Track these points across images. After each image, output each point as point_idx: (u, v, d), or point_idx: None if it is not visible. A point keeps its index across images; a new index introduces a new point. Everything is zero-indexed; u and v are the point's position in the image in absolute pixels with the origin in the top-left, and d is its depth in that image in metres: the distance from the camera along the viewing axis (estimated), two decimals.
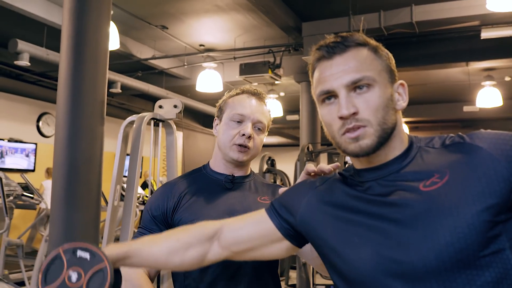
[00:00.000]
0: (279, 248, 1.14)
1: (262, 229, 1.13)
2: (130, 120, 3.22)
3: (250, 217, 1.18)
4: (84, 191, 3.20)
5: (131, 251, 1.09)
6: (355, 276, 0.95)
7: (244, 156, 1.51)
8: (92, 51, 3.32)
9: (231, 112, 1.54)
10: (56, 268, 1.01)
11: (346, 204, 1.02)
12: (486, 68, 8.36)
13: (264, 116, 1.55)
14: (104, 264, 1.00)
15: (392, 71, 1.02)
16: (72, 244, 1.03)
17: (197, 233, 1.16)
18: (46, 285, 1.00)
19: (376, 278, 0.92)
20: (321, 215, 1.05)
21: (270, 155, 6.53)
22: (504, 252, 0.87)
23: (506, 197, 0.88)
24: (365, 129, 0.95)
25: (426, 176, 0.94)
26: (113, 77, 7.42)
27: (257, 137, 1.54)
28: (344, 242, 0.98)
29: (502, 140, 0.92)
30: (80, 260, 1.01)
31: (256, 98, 1.56)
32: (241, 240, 1.14)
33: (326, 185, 1.10)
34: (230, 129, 1.52)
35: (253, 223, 1.16)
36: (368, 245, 0.94)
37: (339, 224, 1.00)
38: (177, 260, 1.13)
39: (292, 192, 1.15)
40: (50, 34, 6.28)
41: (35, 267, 5.02)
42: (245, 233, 1.14)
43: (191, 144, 12.56)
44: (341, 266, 0.98)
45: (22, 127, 8.80)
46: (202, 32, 7.01)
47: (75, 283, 0.99)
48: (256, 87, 1.61)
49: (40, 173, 8.62)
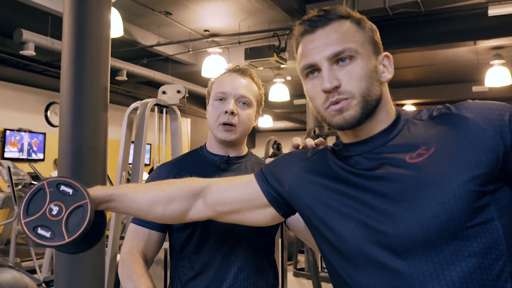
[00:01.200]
0: (262, 214, 1.15)
1: (249, 192, 1.14)
2: (134, 107, 3.23)
3: (238, 180, 1.20)
4: (90, 178, 3.22)
5: (115, 195, 1.11)
6: (343, 246, 0.96)
7: (231, 135, 1.50)
8: (93, 39, 3.31)
9: (213, 92, 1.53)
10: (38, 200, 1.02)
11: (336, 175, 1.02)
12: (495, 47, 8.25)
13: (248, 90, 1.52)
14: (85, 200, 1.01)
15: (376, 43, 1.01)
16: (56, 178, 1.03)
17: (184, 188, 1.17)
18: (28, 216, 1.01)
19: (364, 248, 0.92)
20: (310, 185, 1.05)
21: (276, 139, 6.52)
22: (492, 222, 0.87)
23: (493, 166, 0.87)
24: (348, 101, 0.95)
25: (413, 148, 0.94)
26: (119, 65, 7.41)
27: (243, 112, 1.51)
28: (332, 212, 0.99)
29: (488, 109, 0.91)
30: (62, 194, 1.01)
31: (238, 73, 1.54)
32: (227, 201, 1.15)
33: (317, 156, 1.11)
34: (214, 109, 1.51)
35: (241, 186, 1.17)
36: (356, 216, 0.95)
37: (328, 193, 1.01)
38: (159, 211, 1.14)
39: (282, 161, 1.16)
40: (54, 23, 6.28)
41: (45, 255, 5.08)
42: (232, 194, 1.16)
43: (199, 130, 12.58)
44: (329, 236, 0.99)
45: (30, 117, 8.86)
46: (206, 17, 6.97)
47: (55, 216, 1.00)
48: (244, 65, 1.59)
49: (50, 162, 8.69)
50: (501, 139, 0.87)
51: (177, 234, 1.50)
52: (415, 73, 10.03)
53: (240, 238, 1.44)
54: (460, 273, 0.85)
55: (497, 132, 0.88)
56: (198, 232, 1.45)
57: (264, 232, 1.49)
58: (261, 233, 1.48)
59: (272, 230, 1.53)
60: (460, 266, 0.85)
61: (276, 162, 1.17)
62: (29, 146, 8.75)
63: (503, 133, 0.88)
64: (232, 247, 1.44)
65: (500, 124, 0.88)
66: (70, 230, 1.00)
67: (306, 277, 6.28)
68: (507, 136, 0.88)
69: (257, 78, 1.58)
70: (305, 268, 6.50)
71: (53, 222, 1.00)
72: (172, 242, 1.53)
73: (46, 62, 7.71)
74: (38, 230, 1.00)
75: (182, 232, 1.48)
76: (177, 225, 1.48)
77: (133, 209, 1.15)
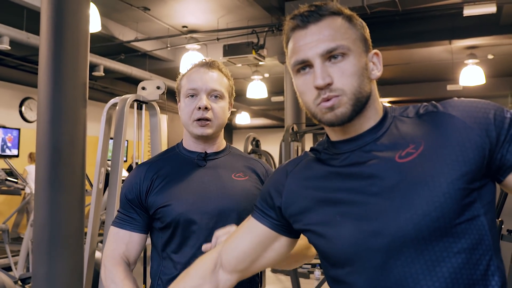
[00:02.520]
0: (279, 246, 1.13)
1: (257, 235, 1.12)
2: (113, 102, 3.20)
3: (241, 230, 1.16)
4: (68, 173, 3.19)
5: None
6: (336, 247, 0.97)
7: (207, 129, 1.49)
8: (72, 34, 3.28)
9: (184, 89, 1.52)
10: None
11: (324, 184, 1.01)
12: (469, 46, 8.41)
13: (218, 83, 1.51)
14: None
15: (367, 40, 1.01)
16: None
17: (200, 272, 1.15)
18: None
19: (356, 248, 0.93)
20: (300, 192, 1.05)
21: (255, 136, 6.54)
22: (478, 218, 0.90)
23: (479, 164, 0.89)
24: (339, 98, 0.95)
25: (401, 146, 0.95)
26: (96, 60, 7.33)
27: (216, 105, 1.50)
28: (326, 223, 0.99)
29: (474, 108, 0.93)
30: None
31: (206, 67, 1.52)
32: (243, 257, 1.12)
33: (299, 167, 1.10)
34: (187, 106, 1.50)
35: (247, 235, 1.14)
36: (348, 221, 0.95)
37: (320, 205, 1.00)
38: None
39: (269, 188, 1.14)
40: (30, 17, 6.18)
41: (21, 253, 5.01)
42: (243, 247, 1.13)
43: (176, 127, 12.51)
44: (322, 237, 0.99)
45: (4, 112, 8.70)
46: (184, 13, 6.94)
47: None
48: (210, 58, 1.57)
49: (24, 158, 8.55)
50: (487, 137, 0.89)
51: (158, 234, 1.49)
52: (391, 72, 10.16)
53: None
54: (450, 269, 0.87)
55: (483, 130, 0.90)
56: (179, 231, 1.44)
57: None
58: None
59: None
60: (450, 262, 0.87)
61: (264, 192, 1.15)
62: (3, 142, 8.60)
63: (488, 131, 0.90)
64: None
65: (486, 122, 0.90)
66: None
67: (284, 273, 6.31)
68: (492, 134, 0.89)
69: (225, 69, 1.57)
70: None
71: None
72: (154, 241, 1.52)
73: (21, 57, 7.59)
74: None
75: (163, 232, 1.47)
76: (159, 225, 1.47)
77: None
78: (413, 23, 6.84)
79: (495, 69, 10.12)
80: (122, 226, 1.48)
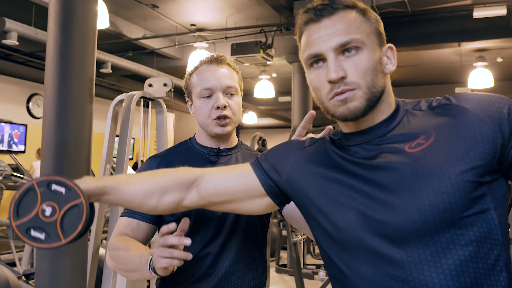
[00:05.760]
0: (258, 203, 1.14)
1: (246, 183, 1.13)
2: (119, 99, 3.19)
3: (233, 170, 1.18)
4: (74, 169, 3.18)
5: (108, 187, 1.07)
6: (340, 236, 0.96)
7: (227, 127, 1.48)
8: (80, 30, 3.27)
9: (197, 90, 1.49)
10: (29, 200, 0.97)
11: (334, 163, 1.02)
12: (478, 49, 8.36)
13: (231, 79, 1.49)
14: (80, 199, 0.97)
15: (381, 34, 1.01)
16: (46, 177, 0.99)
17: (177, 179, 1.14)
18: (18, 218, 0.96)
19: (361, 238, 0.93)
20: (308, 174, 1.05)
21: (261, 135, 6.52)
22: (488, 212, 0.89)
23: (491, 158, 0.88)
24: (353, 92, 0.94)
25: (412, 137, 0.94)
26: (103, 57, 7.33)
27: (232, 102, 1.49)
28: (330, 201, 0.98)
29: (488, 101, 0.92)
30: (54, 194, 0.97)
31: (216, 64, 1.50)
32: (222, 192, 1.13)
33: (315, 145, 1.10)
34: (203, 106, 1.48)
35: (237, 176, 1.15)
36: (353, 206, 0.95)
37: (326, 183, 1.00)
38: (152, 203, 1.12)
39: (279, 151, 1.14)
40: (38, 12, 6.19)
41: (25, 249, 5.01)
42: (227, 185, 1.13)
43: (183, 125, 12.52)
44: (327, 225, 0.99)
45: (11, 108, 8.72)
46: (193, 11, 6.94)
47: (49, 217, 0.96)
48: (215, 53, 1.55)
49: (31, 154, 8.57)
50: (499, 132, 0.88)
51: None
52: (399, 73, 10.11)
53: (232, 232, 1.43)
54: (456, 261, 0.86)
55: (495, 125, 0.89)
56: (189, 225, 1.43)
57: (256, 227, 1.48)
58: (254, 228, 1.47)
59: (264, 225, 1.52)
60: (456, 254, 0.86)
61: (272, 151, 1.16)
62: (10, 138, 8.62)
63: (501, 125, 0.89)
64: (224, 241, 1.42)
65: (499, 117, 0.89)
66: (65, 230, 0.96)
67: (289, 273, 6.30)
68: (505, 129, 0.88)
69: (233, 63, 1.55)
70: (288, 265, 6.51)
71: (47, 223, 0.95)
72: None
73: (29, 53, 7.61)
74: (31, 232, 0.95)
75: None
76: (169, 219, 1.45)
77: (126, 202, 1.12)
78: (423, 25, 6.80)
79: (503, 72, 10.05)
80: (132, 216, 1.46)
